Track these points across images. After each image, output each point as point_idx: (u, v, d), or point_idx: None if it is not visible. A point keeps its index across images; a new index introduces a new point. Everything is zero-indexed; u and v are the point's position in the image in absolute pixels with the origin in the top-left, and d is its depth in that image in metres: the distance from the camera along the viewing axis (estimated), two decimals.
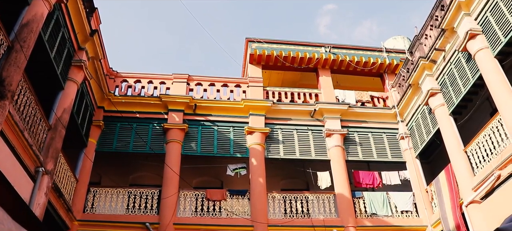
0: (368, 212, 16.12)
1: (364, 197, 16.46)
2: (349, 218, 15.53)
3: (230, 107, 17.53)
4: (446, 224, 13.89)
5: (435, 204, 15.39)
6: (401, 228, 15.73)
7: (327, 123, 17.65)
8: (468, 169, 13.20)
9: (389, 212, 16.05)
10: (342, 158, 16.89)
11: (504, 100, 11.53)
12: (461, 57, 13.78)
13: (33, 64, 11.10)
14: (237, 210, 15.44)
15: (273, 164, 17.63)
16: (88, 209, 14.91)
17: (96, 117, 16.54)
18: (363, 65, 19.46)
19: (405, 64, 17.72)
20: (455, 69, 14.14)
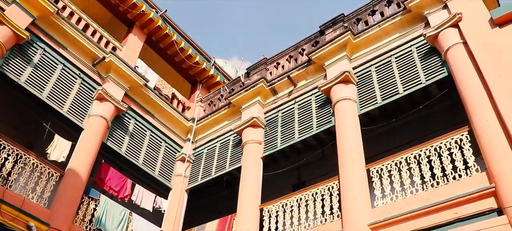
0: (94, 223, 12.06)
1: (100, 201, 12.41)
2: (62, 215, 11.17)
3: None
4: None
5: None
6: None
7: (107, 84, 13.60)
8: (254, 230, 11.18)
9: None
10: (100, 136, 12.81)
11: (350, 165, 10.08)
12: (314, 100, 12.35)
13: None
14: None
15: (3, 91, 12.51)
16: None
17: None
18: (187, 57, 17.02)
19: (232, 84, 15.85)
20: (298, 110, 12.58)
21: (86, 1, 16.27)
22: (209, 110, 16.01)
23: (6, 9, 11.91)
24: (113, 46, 14.73)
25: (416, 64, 10.53)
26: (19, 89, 12.04)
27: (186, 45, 16.89)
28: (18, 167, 11.04)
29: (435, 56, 10.20)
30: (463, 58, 9.25)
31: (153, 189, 14.48)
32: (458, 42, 9.51)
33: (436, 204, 8.09)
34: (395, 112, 11.15)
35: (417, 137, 10.98)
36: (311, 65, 12.81)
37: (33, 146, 13.70)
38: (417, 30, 11.04)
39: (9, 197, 10.33)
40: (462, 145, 8.73)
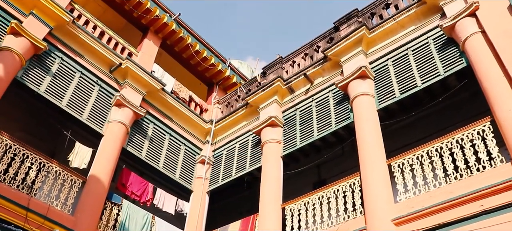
0: (117, 228, 12.14)
1: (123, 206, 12.46)
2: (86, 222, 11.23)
3: None
4: None
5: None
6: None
7: (125, 90, 13.65)
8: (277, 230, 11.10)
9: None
10: (120, 142, 12.86)
11: (371, 161, 9.92)
12: (331, 97, 12.22)
13: None
14: None
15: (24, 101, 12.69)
16: None
17: None
18: (202, 59, 16.97)
19: (248, 84, 15.79)
20: (316, 107, 12.46)
21: (100, 8, 16.36)
22: (226, 112, 15.93)
23: (23, 21, 12.01)
24: (129, 52, 14.77)
25: (433, 56, 10.36)
26: (39, 99, 12.13)
27: (201, 48, 16.83)
28: (41, 175, 11.13)
29: (453, 47, 10.01)
30: (482, 48, 9.06)
31: (175, 192, 14.44)
32: (476, 32, 9.31)
33: (460, 197, 7.94)
34: (414, 106, 10.99)
35: (437, 130, 10.82)
36: (327, 62, 12.68)
37: (55, 154, 13.78)
38: (433, 21, 10.84)
39: (34, 205, 10.45)
40: (484, 135, 8.55)
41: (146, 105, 14.29)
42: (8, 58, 11.21)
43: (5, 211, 9.93)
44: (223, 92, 17.82)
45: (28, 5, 12.24)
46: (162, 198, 13.64)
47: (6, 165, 10.61)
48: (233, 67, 18.15)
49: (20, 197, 10.32)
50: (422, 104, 10.89)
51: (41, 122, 13.65)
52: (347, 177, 10.48)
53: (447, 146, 8.98)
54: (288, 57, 14.50)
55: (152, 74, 14.55)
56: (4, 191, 10.08)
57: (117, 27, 16.33)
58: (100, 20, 14.67)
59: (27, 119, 13.90)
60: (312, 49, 13.88)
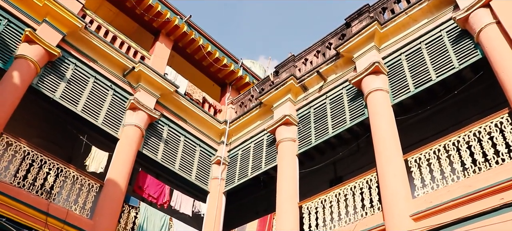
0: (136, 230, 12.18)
1: (140, 209, 12.52)
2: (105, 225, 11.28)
3: None
4: None
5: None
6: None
7: (139, 93, 13.71)
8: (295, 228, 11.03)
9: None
10: (136, 145, 12.91)
11: (388, 156, 9.81)
12: (345, 93, 12.15)
13: None
14: None
15: (40, 108, 12.80)
16: None
17: None
18: (214, 60, 16.99)
19: (261, 83, 15.74)
20: (330, 105, 12.39)
21: (112, 13, 16.46)
22: (240, 112, 15.92)
23: (37, 28, 12.12)
24: (141, 55, 14.83)
25: (447, 49, 10.23)
26: (55, 105, 12.24)
27: (212, 49, 16.83)
28: (59, 180, 11.24)
29: (467, 39, 9.88)
30: (497, 39, 8.92)
31: (191, 194, 14.47)
32: (490, 23, 9.18)
33: (479, 191, 7.83)
34: (429, 100, 10.91)
35: (453, 123, 10.74)
36: (339, 58, 12.61)
37: (72, 159, 13.91)
38: (446, 14, 10.71)
39: (53, 210, 10.55)
40: (502, 128, 8.44)
41: (160, 108, 14.32)
42: (24, 66, 11.33)
43: (26, 217, 10.04)
44: (236, 93, 17.79)
45: (41, 13, 12.36)
46: (179, 199, 13.68)
47: (25, 171, 10.72)
48: (245, 67, 18.11)
49: (40, 202, 10.43)
50: (437, 98, 10.79)
51: (57, 128, 13.76)
52: (364, 173, 10.42)
53: (464, 139, 8.89)
54: (300, 55, 14.45)
55: (165, 77, 14.58)
56: (24, 196, 10.20)
57: (129, 31, 16.45)
58: (112, 25, 14.76)
59: (43, 125, 14.03)
60: (324, 46, 13.81)
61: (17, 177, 10.52)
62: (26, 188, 10.50)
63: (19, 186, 10.42)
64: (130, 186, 12.73)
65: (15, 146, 10.77)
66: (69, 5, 12.87)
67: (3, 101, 10.60)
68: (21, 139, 11.05)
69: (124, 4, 15.55)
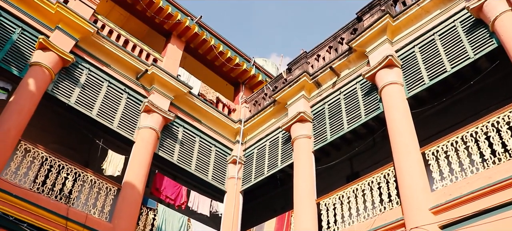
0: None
1: (158, 211, 12.58)
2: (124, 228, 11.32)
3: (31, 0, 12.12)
4: None
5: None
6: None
7: (153, 96, 13.78)
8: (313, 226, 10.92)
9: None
10: (151, 147, 12.96)
11: (404, 150, 9.69)
12: (359, 88, 12.07)
13: None
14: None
15: (55, 114, 12.91)
16: None
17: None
18: (226, 59, 16.97)
19: (274, 81, 15.69)
20: (344, 100, 12.31)
21: (123, 17, 16.57)
22: (254, 110, 15.89)
23: (50, 35, 12.26)
24: (154, 58, 14.88)
25: (462, 39, 10.08)
26: (70, 110, 12.34)
27: (224, 48, 16.82)
28: (77, 184, 11.33)
29: (482, 28, 9.71)
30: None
31: (208, 194, 14.48)
32: (506, 10, 9.00)
33: (500, 182, 7.69)
34: (444, 92, 10.78)
35: (470, 115, 10.58)
36: (352, 53, 12.52)
37: (88, 163, 14.02)
38: (458, 3, 10.53)
39: (73, 214, 10.65)
40: None
41: (175, 110, 14.37)
42: (38, 73, 11.46)
43: (46, 222, 10.14)
44: (250, 91, 17.77)
45: (53, 20, 12.49)
46: (196, 200, 13.72)
47: (44, 176, 10.84)
48: (258, 66, 18.07)
49: (59, 207, 10.53)
50: (453, 89, 10.65)
51: (73, 133, 13.86)
52: (381, 168, 10.33)
53: (482, 130, 8.75)
54: (312, 52, 14.37)
55: (178, 78, 14.62)
56: (43, 202, 10.31)
57: (140, 35, 16.55)
58: (123, 29, 14.85)
59: (59, 131, 14.18)
60: (336, 41, 13.74)
61: (36, 182, 10.65)
62: (46, 193, 10.61)
63: (39, 191, 10.53)
64: (147, 188, 12.80)
65: (33, 152, 10.89)
66: (80, 11, 13.01)
67: (20, 108, 10.74)
68: (39, 145, 11.17)
69: (134, 8, 15.61)
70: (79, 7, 13.22)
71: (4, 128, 10.27)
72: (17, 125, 10.53)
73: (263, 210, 14.85)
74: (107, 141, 12.99)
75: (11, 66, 11.38)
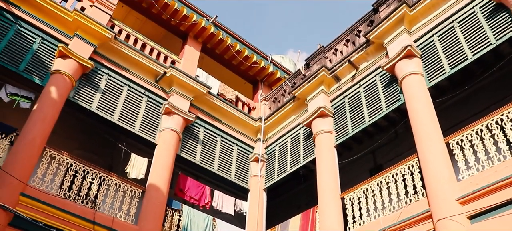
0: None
1: (183, 211, 12.65)
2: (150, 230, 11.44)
3: (50, 10, 12.36)
4: None
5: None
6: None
7: (172, 98, 13.85)
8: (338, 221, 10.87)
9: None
10: (174, 149, 13.03)
11: (428, 141, 9.57)
12: (379, 80, 11.95)
13: None
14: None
15: (78, 120, 13.17)
16: None
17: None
18: (244, 58, 16.94)
19: (293, 77, 15.61)
20: (364, 93, 12.21)
21: (139, 21, 16.67)
22: (274, 108, 15.84)
23: (69, 43, 12.41)
24: (171, 60, 14.93)
25: (482, 25, 9.87)
26: (92, 116, 12.49)
27: (241, 47, 16.79)
28: (103, 189, 11.46)
29: (503, 12, 9.49)
30: None
31: (232, 193, 14.51)
32: None
33: None
34: (466, 80, 10.57)
35: (493, 102, 10.39)
36: (370, 45, 12.40)
37: (112, 167, 14.17)
38: None
39: (99, 218, 10.79)
40: None
41: (195, 110, 14.43)
42: (60, 80, 11.63)
43: (74, 226, 10.31)
44: (269, 89, 17.70)
45: (71, 28, 12.66)
46: (220, 199, 13.75)
47: (69, 182, 11.00)
48: (275, 63, 18.00)
49: (86, 211, 10.68)
50: (474, 77, 10.46)
51: (96, 138, 14.01)
52: (404, 160, 10.21)
53: (507, 117, 8.58)
54: (329, 46, 14.27)
55: (197, 79, 14.67)
56: (70, 207, 10.47)
57: (157, 37, 16.64)
58: (140, 33, 14.94)
59: (82, 136, 14.33)
60: (353, 34, 13.62)
61: (63, 188, 10.81)
62: (72, 199, 10.76)
63: (65, 197, 10.69)
64: (171, 190, 12.88)
65: (58, 158, 11.06)
66: (97, 17, 13.15)
67: (43, 116, 10.90)
68: (63, 151, 11.33)
69: (150, 11, 15.69)
70: (96, 13, 13.37)
71: (29, 136, 10.46)
72: (41, 133, 10.70)
73: (287, 206, 14.84)
74: (129, 144, 13.12)
75: (33, 75, 11.57)
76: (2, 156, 10.18)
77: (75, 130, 13.99)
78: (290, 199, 15.36)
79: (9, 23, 11.80)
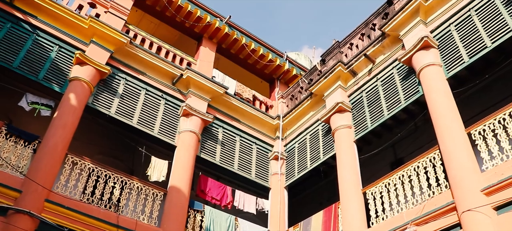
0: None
1: (205, 212, 12.68)
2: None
3: (66, 18, 12.53)
4: None
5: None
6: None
7: (190, 99, 13.90)
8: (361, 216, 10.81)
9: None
10: (193, 150, 13.08)
11: (449, 132, 9.40)
12: (396, 73, 11.81)
13: None
14: (9, 158, 10.31)
15: (97, 125, 13.26)
16: None
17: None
18: (259, 57, 16.92)
19: (309, 74, 15.52)
20: (382, 86, 12.08)
21: (153, 25, 16.74)
22: (292, 105, 15.78)
23: (86, 50, 12.53)
24: (187, 62, 14.98)
25: (501, 12, 9.63)
26: (111, 121, 12.61)
27: (256, 46, 16.74)
28: (125, 192, 11.56)
29: None
30: None
31: (253, 192, 14.51)
32: None
33: None
34: (486, 69, 10.40)
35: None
36: (385, 38, 12.25)
37: (133, 171, 14.29)
38: None
39: (123, 222, 10.88)
40: None
41: (213, 111, 14.45)
42: (78, 87, 11.76)
43: None
44: (285, 86, 17.63)
45: (88, 34, 12.78)
46: (241, 199, 13.75)
47: (92, 187, 11.12)
48: (291, 60, 17.91)
49: (109, 215, 10.77)
50: (494, 65, 10.24)
51: (116, 142, 14.15)
52: (426, 152, 10.07)
53: None
54: (345, 40, 14.17)
55: (214, 80, 14.69)
56: (94, 211, 10.58)
57: (172, 40, 16.73)
58: (155, 36, 15.01)
59: (103, 141, 14.46)
60: (368, 28, 13.49)
61: (86, 193, 10.95)
62: (95, 203, 10.89)
63: (89, 202, 10.81)
64: (192, 191, 12.91)
65: (80, 164, 11.18)
66: (112, 23, 13.26)
67: (64, 123, 11.03)
68: (85, 157, 11.45)
69: (164, 14, 15.75)
70: (111, 19, 13.48)
71: (51, 143, 10.59)
72: (63, 139, 10.82)
73: (309, 203, 14.79)
74: (149, 147, 13.20)
75: (52, 83, 11.71)
76: (26, 164, 10.34)
77: (95, 135, 14.11)
78: (311, 196, 15.30)
79: (27, 33, 11.97)
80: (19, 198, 9.63)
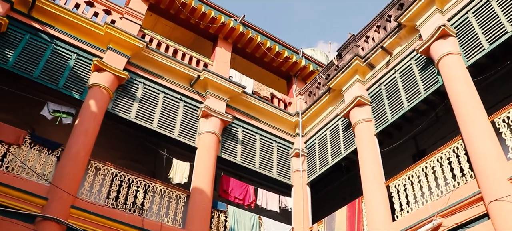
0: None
1: (229, 212, 12.70)
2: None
3: (82, 26, 12.72)
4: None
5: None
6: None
7: (208, 100, 13.94)
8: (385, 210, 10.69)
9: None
10: (214, 151, 13.12)
11: (472, 121, 9.23)
12: (414, 64, 11.65)
13: None
14: (34, 167, 10.46)
15: (118, 130, 13.37)
16: None
17: None
18: (275, 55, 16.84)
19: (326, 69, 15.39)
20: (400, 78, 11.93)
21: (168, 28, 16.82)
22: (310, 101, 15.68)
23: (103, 56, 12.66)
24: (204, 63, 15.02)
25: None
26: (131, 125, 12.71)
27: (272, 44, 16.69)
28: (148, 196, 11.64)
29: None
30: None
31: (275, 190, 14.47)
32: None
33: None
34: (506, 55, 10.13)
35: None
36: (402, 29, 12.08)
37: (155, 174, 14.36)
38: None
39: (148, 225, 10.96)
40: None
41: (232, 111, 14.46)
42: (98, 94, 11.89)
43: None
44: (303, 83, 17.54)
45: (104, 41, 12.92)
46: (264, 197, 13.73)
47: (116, 191, 11.22)
48: (307, 56, 17.80)
49: (134, 219, 10.87)
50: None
51: (137, 146, 14.27)
52: (448, 142, 9.91)
53: None
54: (360, 34, 14.02)
55: (231, 80, 14.72)
56: (119, 216, 10.69)
57: (187, 42, 16.79)
58: (170, 39, 15.10)
59: (124, 146, 14.60)
60: (383, 20, 13.33)
61: (110, 198, 11.06)
62: (120, 208, 10.99)
63: (113, 206, 10.92)
64: (215, 191, 12.95)
65: (103, 169, 11.29)
66: (128, 29, 13.39)
67: (85, 130, 11.15)
68: (107, 162, 11.56)
69: (178, 17, 15.80)
70: (126, 25, 13.60)
71: (73, 150, 10.72)
72: (85, 146, 10.95)
73: (332, 199, 14.70)
74: (170, 150, 13.26)
75: (72, 91, 11.87)
76: (50, 171, 10.48)
77: (116, 141, 14.24)
78: (333, 192, 15.20)
79: (46, 43, 12.15)
80: (46, 205, 9.77)
